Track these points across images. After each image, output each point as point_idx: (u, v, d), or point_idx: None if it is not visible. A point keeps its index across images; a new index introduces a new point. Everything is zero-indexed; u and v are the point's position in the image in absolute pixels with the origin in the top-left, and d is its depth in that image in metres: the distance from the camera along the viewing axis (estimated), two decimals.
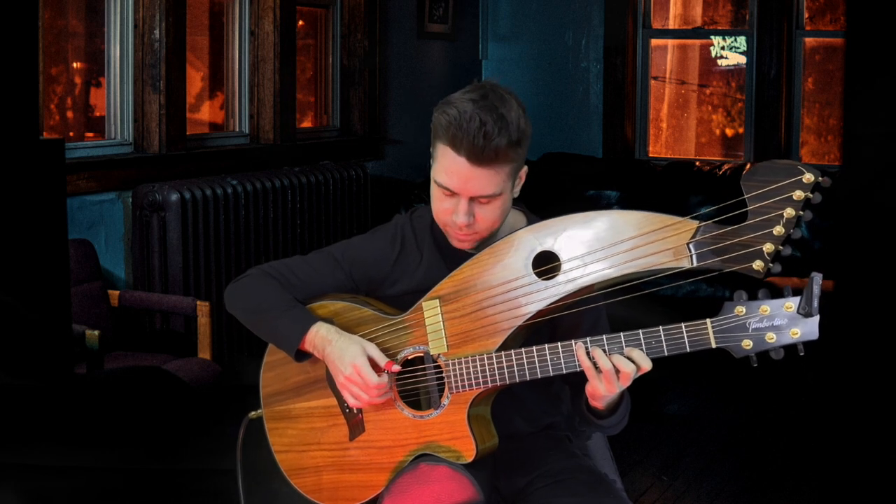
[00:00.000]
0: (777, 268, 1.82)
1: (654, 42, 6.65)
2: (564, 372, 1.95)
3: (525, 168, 2.09)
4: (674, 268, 1.88)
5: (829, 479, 3.74)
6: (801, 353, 1.84)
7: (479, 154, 1.95)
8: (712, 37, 6.57)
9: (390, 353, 2.08)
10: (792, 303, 1.83)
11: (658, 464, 4.05)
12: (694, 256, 1.86)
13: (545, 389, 2.19)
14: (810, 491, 3.74)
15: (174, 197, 4.31)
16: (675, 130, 6.81)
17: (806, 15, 6.26)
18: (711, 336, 1.85)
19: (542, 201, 3.20)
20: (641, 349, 1.89)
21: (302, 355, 2.13)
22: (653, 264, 1.89)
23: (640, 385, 1.96)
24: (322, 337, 2.08)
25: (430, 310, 2.04)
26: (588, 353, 1.91)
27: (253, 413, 2.26)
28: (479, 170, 1.97)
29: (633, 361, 1.89)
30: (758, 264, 1.83)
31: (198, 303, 4.02)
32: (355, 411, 2.12)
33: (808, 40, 6.26)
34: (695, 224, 1.87)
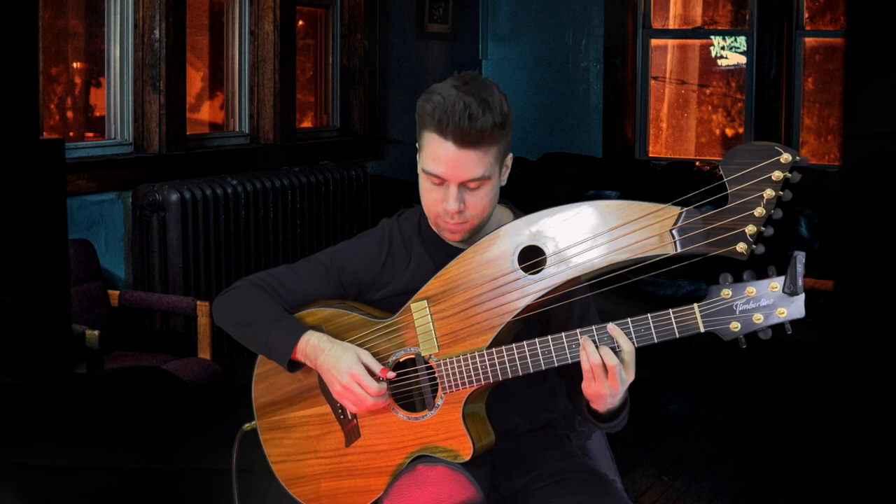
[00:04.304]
0: (760, 249, 1.83)
1: (654, 42, 6.65)
2: (556, 365, 1.95)
3: (511, 155, 2.09)
4: (659, 255, 1.88)
5: (829, 479, 3.74)
6: (789, 332, 1.84)
7: (466, 136, 1.97)
8: (712, 37, 6.57)
9: (381, 357, 2.07)
10: (777, 283, 1.83)
11: (658, 464, 4.05)
12: (678, 242, 1.87)
13: (540, 385, 2.19)
14: (810, 491, 3.74)
15: (174, 197, 4.31)
16: (675, 130, 6.81)
17: (806, 15, 6.26)
18: (699, 320, 1.86)
19: (541, 201, 3.20)
20: (631, 337, 1.89)
21: (294, 366, 2.12)
22: (638, 252, 1.89)
23: (640, 385, 1.96)
24: (314, 346, 2.07)
25: (419, 311, 2.04)
26: (595, 345, 1.90)
27: (247, 425, 2.25)
28: (466, 152, 1.98)
29: (615, 350, 1.89)
30: (741, 247, 1.83)
31: (198, 303, 4.02)
32: (350, 417, 2.11)
33: (808, 40, 6.26)
34: (677, 210, 1.88)
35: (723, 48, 6.59)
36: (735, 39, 6.50)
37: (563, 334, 1.94)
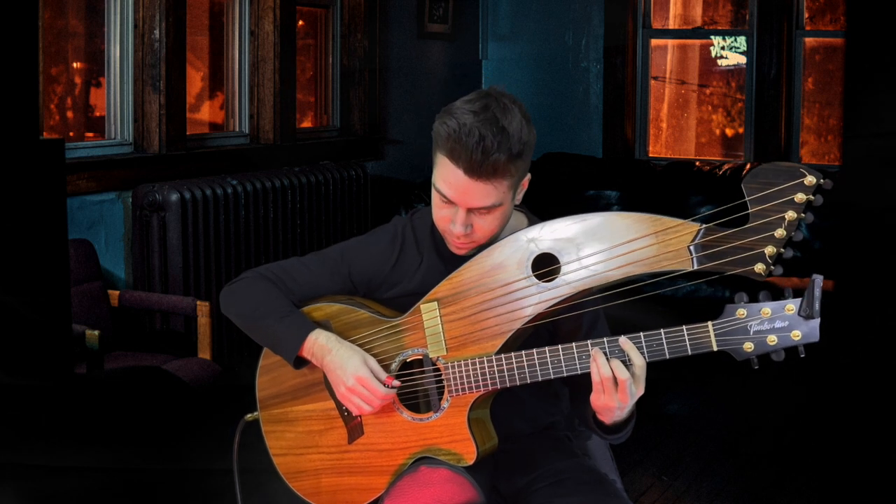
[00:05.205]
0: (779, 270, 1.82)
1: (654, 42, 6.65)
2: (565, 374, 1.94)
3: (528, 176, 2.07)
4: (675, 270, 1.87)
5: (829, 479, 3.74)
6: (802, 355, 1.83)
7: (478, 168, 1.93)
8: (712, 37, 6.57)
9: (388, 356, 2.07)
10: (793, 304, 1.82)
11: (658, 464, 4.05)
12: (695, 259, 1.86)
13: (544, 389, 2.18)
14: (810, 491, 3.74)
15: (174, 197, 4.31)
16: (675, 130, 6.81)
17: (806, 15, 6.25)
18: (713, 339, 1.85)
19: (542, 201, 3.20)
20: (643, 351, 1.88)
21: (300, 362, 2.12)
22: (653, 267, 1.88)
23: None
24: (321, 345, 2.06)
25: (429, 312, 2.03)
26: (606, 357, 1.89)
27: (249, 416, 2.25)
28: (477, 183, 1.95)
29: (626, 363, 1.88)
30: (759, 267, 1.82)
31: (198, 303, 4.02)
32: (354, 414, 2.11)
33: (808, 40, 6.26)
34: (696, 226, 1.86)
35: (723, 48, 6.59)
36: (735, 39, 6.50)
37: (573, 344, 1.93)
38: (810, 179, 1.80)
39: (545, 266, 1.95)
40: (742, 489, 3.82)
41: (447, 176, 1.97)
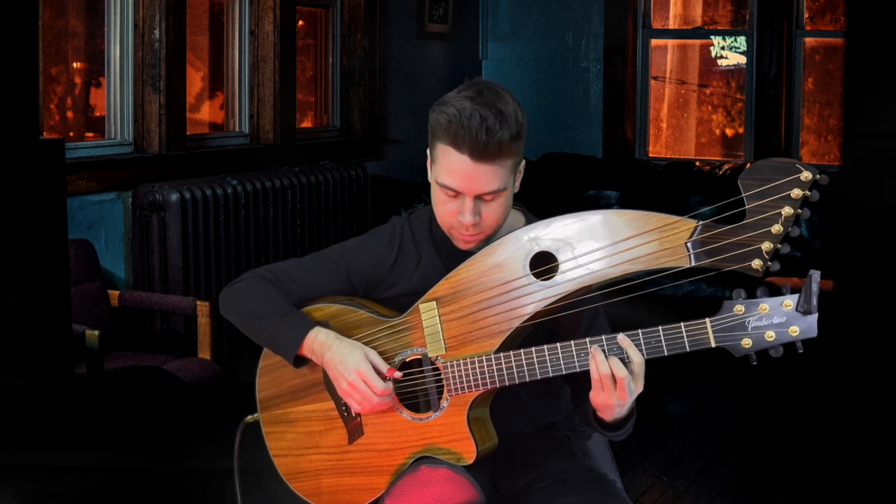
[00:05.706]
0: (776, 266, 1.82)
1: (654, 42, 6.65)
2: (564, 373, 1.94)
3: (524, 162, 2.08)
4: (672, 267, 1.87)
5: (829, 479, 3.74)
6: (800, 351, 1.84)
7: (483, 150, 1.95)
8: (712, 37, 6.57)
9: (388, 356, 2.07)
10: (791, 301, 1.82)
11: (658, 464, 4.05)
12: (692, 256, 1.86)
13: (544, 389, 2.18)
14: (810, 491, 3.74)
15: (174, 197, 4.31)
16: (675, 130, 6.81)
17: (806, 15, 6.26)
18: (711, 335, 1.85)
19: (541, 201, 3.20)
20: (641, 349, 1.89)
21: (300, 361, 2.12)
22: (651, 264, 1.88)
23: None
24: (321, 343, 2.07)
25: (427, 312, 2.04)
26: (603, 354, 1.90)
27: (250, 417, 2.25)
28: (482, 166, 1.96)
29: (624, 361, 1.89)
30: (756, 263, 1.82)
31: (198, 303, 4.02)
32: (354, 414, 2.11)
33: (808, 40, 6.26)
34: (693, 223, 1.87)
35: (723, 48, 6.59)
36: (735, 39, 6.50)
37: (571, 342, 1.93)
38: (806, 175, 1.81)
39: (544, 264, 1.96)
40: (742, 489, 3.82)
41: (451, 165, 1.98)
